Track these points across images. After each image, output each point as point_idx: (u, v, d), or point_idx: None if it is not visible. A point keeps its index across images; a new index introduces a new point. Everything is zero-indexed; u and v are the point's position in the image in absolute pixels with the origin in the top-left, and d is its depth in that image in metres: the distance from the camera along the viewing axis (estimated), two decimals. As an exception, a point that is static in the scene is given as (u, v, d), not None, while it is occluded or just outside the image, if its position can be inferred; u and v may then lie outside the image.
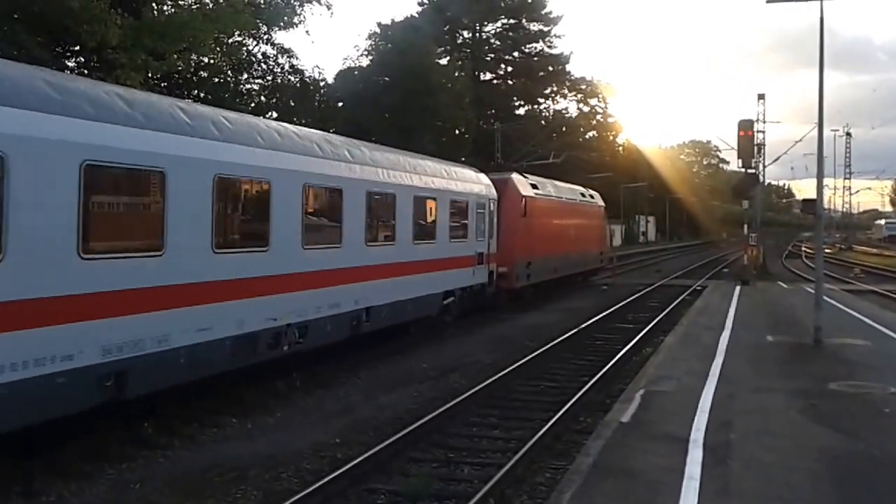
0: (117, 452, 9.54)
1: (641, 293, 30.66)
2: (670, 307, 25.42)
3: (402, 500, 8.37)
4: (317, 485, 8.26)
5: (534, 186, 26.78)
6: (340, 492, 8.43)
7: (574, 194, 33.65)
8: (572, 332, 19.29)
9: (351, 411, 12.01)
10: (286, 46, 31.62)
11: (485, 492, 8.18)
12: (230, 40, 24.84)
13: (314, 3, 28.84)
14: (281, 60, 31.40)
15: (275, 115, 31.37)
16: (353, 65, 41.00)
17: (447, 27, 59.13)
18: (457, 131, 44.69)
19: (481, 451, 10.24)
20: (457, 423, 11.29)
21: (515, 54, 64.85)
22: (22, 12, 17.00)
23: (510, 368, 14.52)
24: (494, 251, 22.30)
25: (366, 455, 9.23)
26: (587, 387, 13.03)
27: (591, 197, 36.62)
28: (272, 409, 11.91)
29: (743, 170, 33.88)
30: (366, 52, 42.31)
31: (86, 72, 19.44)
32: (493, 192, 22.70)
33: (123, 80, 17.25)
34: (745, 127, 31.82)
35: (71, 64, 20.39)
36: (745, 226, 38.37)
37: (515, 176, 25.65)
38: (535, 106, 66.43)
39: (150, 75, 19.54)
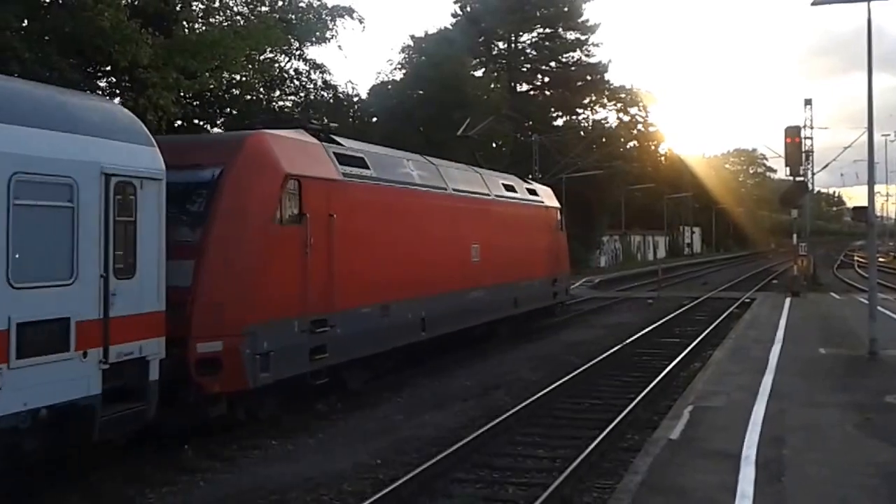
0: (158, 477, 9.46)
1: (688, 307, 30.09)
2: (718, 320, 24.88)
3: (445, 523, 8.16)
4: (358, 508, 8.09)
5: (343, 160, 13.59)
6: (383, 515, 8.24)
7: (481, 184, 19.49)
8: (617, 347, 18.93)
9: (393, 431, 11.82)
10: (319, 62, 31.71)
11: (530, 514, 7.92)
12: (262, 57, 24.92)
13: (346, 17, 28.91)
14: (314, 76, 31.47)
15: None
16: (386, 79, 41.12)
17: (482, 38, 59.02)
18: (493, 144, 44.48)
19: (526, 470, 9.99)
20: (501, 442, 11.06)
21: (552, 64, 64.49)
22: (53, 34, 17.23)
23: (554, 386, 14.24)
24: (154, 306, 9.45)
25: (409, 476, 9.03)
26: (633, 403, 12.70)
27: (533, 193, 22.99)
28: (313, 431, 11.77)
29: (791, 178, 33.21)
30: (399, 66, 42.45)
31: (118, 92, 19.65)
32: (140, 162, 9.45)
33: (156, 100, 17.39)
34: (792, 133, 31.22)
35: (102, 84, 20.63)
36: (794, 235, 37.54)
37: (272, 134, 12.40)
38: (574, 116, 65.91)
39: (181, 94, 19.65)
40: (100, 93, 18.11)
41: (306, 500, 8.86)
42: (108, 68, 19.16)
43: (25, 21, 16.30)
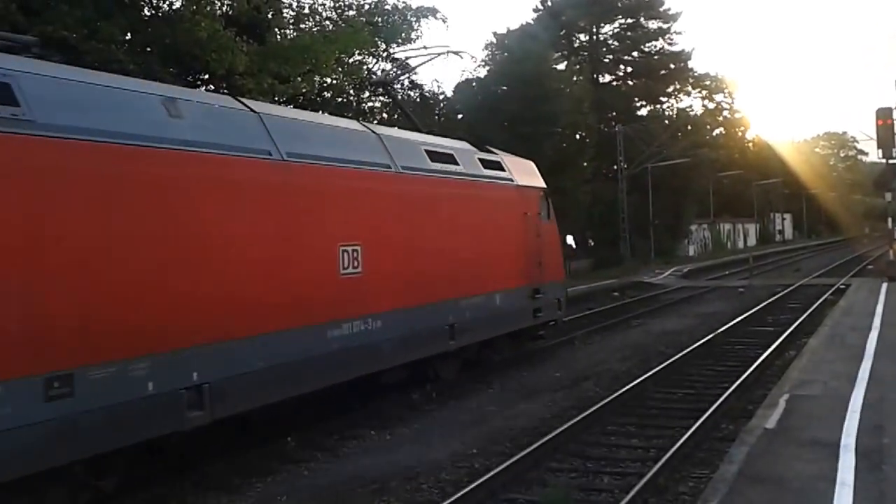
0: (264, 467, 9.88)
1: (780, 294, 29.37)
2: (812, 308, 24.25)
3: (542, 510, 8.31)
4: (457, 495, 8.29)
5: None
6: (480, 503, 8.45)
7: (369, 150, 12.12)
8: (709, 337, 18.71)
9: (486, 421, 12.05)
10: (405, 63, 32.17)
11: (627, 501, 8.03)
12: (351, 60, 25.50)
13: (430, 17, 29.26)
14: (400, 77, 31.95)
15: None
16: (470, 76, 41.32)
17: (563, 31, 58.65)
18: (577, 136, 44.24)
19: (620, 460, 10.06)
20: (593, 433, 11.15)
21: (635, 54, 63.65)
22: (155, 45, 18.03)
23: (645, 376, 14.22)
24: None
25: (504, 465, 9.22)
26: (728, 393, 12.60)
27: (494, 166, 15.57)
28: (409, 422, 12.09)
29: (883, 161, 32.05)
30: (483, 63, 42.59)
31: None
32: None
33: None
34: (884, 115, 30.08)
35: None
36: (889, 220, 36.23)
37: None
38: (658, 105, 64.92)
39: (276, 99, 20.30)
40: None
41: (406, 488, 9.11)
42: (206, 76, 19.96)
43: (129, 34, 17.15)
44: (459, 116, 37.54)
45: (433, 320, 12.78)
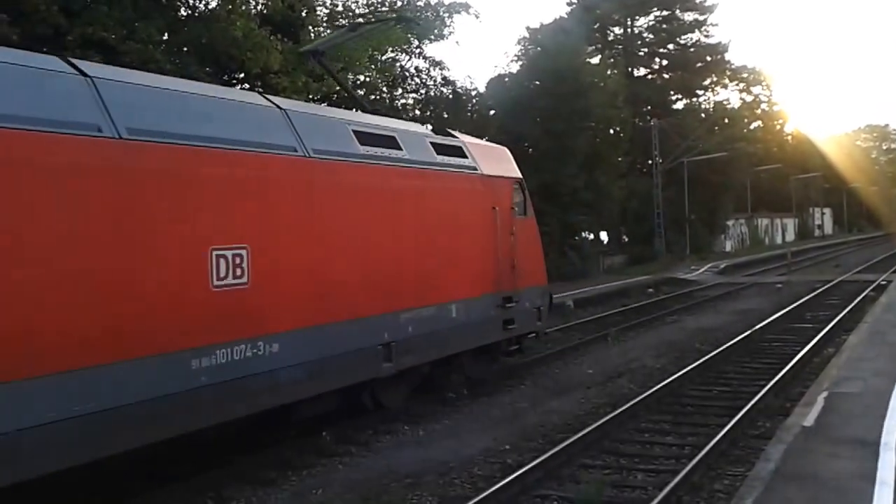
0: (299, 461, 9.98)
1: (819, 290, 28.93)
2: (852, 304, 23.88)
3: (575, 506, 8.31)
4: (490, 490, 8.31)
5: None
6: (513, 498, 8.46)
7: (272, 131, 9.68)
8: (745, 333, 18.51)
9: (518, 418, 12.06)
10: (437, 59, 32.29)
11: (661, 498, 8.00)
12: (383, 57, 25.58)
13: (462, 13, 29.28)
14: (433, 73, 32.06)
15: (429, 127, 31.98)
16: (503, 72, 41.25)
17: (597, 25, 58.32)
18: (612, 131, 43.96)
19: (654, 457, 10.02)
20: (627, 429, 11.11)
21: (670, 47, 63.06)
22: (191, 45, 18.28)
23: (680, 373, 14.13)
24: None
25: (537, 461, 9.22)
26: (764, 390, 12.48)
27: (452, 152, 13.11)
28: (441, 417, 12.14)
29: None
30: (515, 58, 42.49)
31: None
32: None
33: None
34: (928, 107, 29.51)
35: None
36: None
37: None
38: (694, 99, 64.29)
39: (310, 97, 20.44)
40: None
41: (439, 483, 9.17)
42: (242, 75, 20.18)
43: (166, 35, 17.38)
44: (492, 113, 37.46)
45: (358, 340, 10.30)
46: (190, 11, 19.55)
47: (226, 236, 8.52)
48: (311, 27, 21.76)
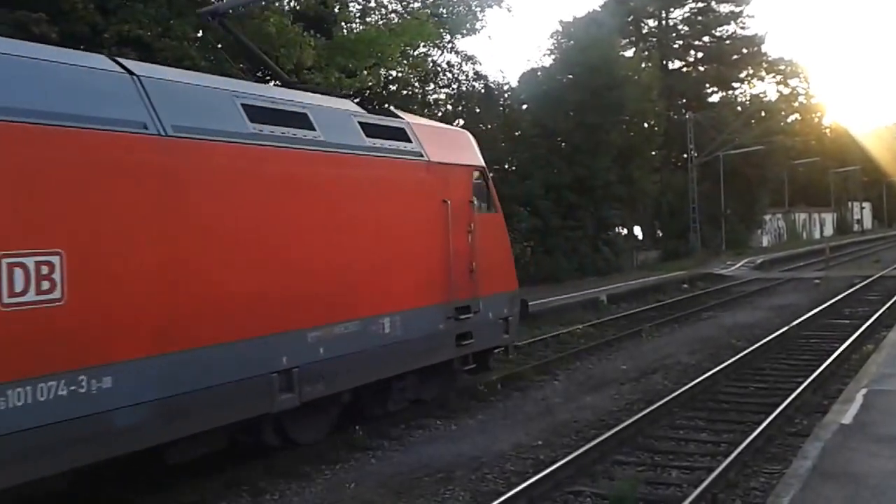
0: (332, 455, 10.03)
1: (858, 286, 28.46)
2: (892, 300, 23.45)
3: (608, 503, 8.25)
4: (522, 486, 8.29)
5: None
6: (545, 494, 8.43)
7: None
8: (782, 330, 18.27)
9: (551, 413, 12.01)
10: (469, 53, 32.28)
11: (696, 496, 7.92)
12: (416, 52, 25.62)
13: (495, 6, 29.21)
14: (465, 68, 32.03)
15: (461, 122, 32.00)
16: (535, 66, 41.09)
17: (631, 18, 57.78)
18: (646, 124, 43.62)
19: (689, 454, 9.92)
20: (661, 426, 11.01)
21: (705, 39, 62.34)
22: (225, 41, 18.40)
23: (716, 369, 13.98)
24: None
25: (569, 457, 9.18)
26: (802, 387, 12.32)
27: (398, 136, 11.12)
28: (474, 412, 12.13)
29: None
30: (548, 52, 42.31)
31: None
32: None
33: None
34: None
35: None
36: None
37: None
38: (730, 92, 63.52)
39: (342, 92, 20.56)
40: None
41: (471, 478, 9.15)
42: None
43: (200, 31, 17.52)
44: (524, 107, 37.35)
45: (240, 367, 8.27)
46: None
47: (26, 238, 6.63)
48: (343, 23, 21.84)
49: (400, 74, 25.13)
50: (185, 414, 7.76)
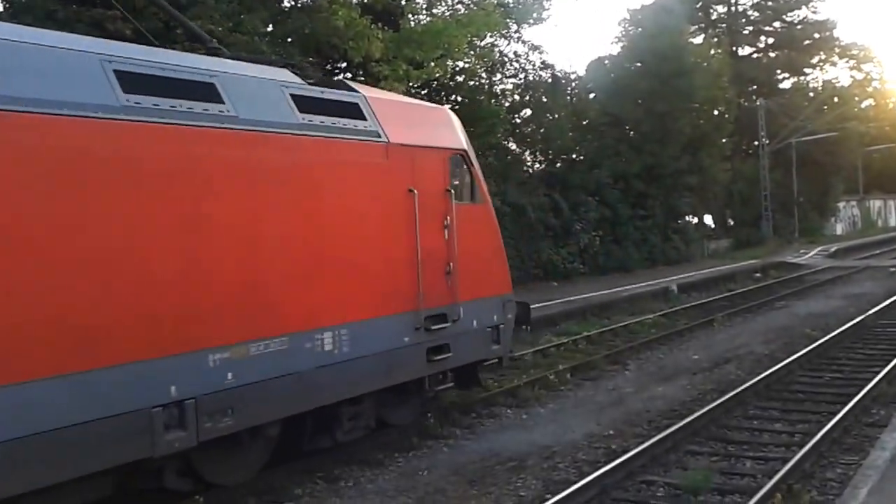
0: (405, 443, 10.16)
1: (939, 274, 27.68)
2: (973, 289, 22.78)
3: (682, 493, 8.21)
4: (594, 475, 8.29)
5: None
6: (618, 483, 8.43)
7: None
8: (858, 319, 17.86)
9: (622, 403, 11.98)
10: (536, 43, 32.19)
11: (771, 486, 7.84)
12: (482, 43, 25.69)
13: (561, -6, 29.12)
14: (532, 57, 31.96)
15: (528, 112, 31.94)
16: (603, 54, 40.79)
17: (699, 4, 56.74)
18: (716, 112, 42.89)
19: (763, 444, 9.81)
20: (735, 416, 10.89)
21: (776, 24, 60.86)
22: (294, 35, 18.77)
23: (790, 359, 13.75)
24: None
25: (642, 447, 9.15)
26: (878, 377, 12.06)
27: (347, 112, 9.12)
28: (544, 401, 12.16)
29: None
30: (616, 40, 41.92)
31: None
32: None
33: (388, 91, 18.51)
34: None
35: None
36: None
37: None
38: (802, 77, 61.90)
39: (410, 84, 20.72)
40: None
41: (543, 466, 9.19)
42: (344, 64, 20.61)
43: (270, 26, 17.90)
44: (592, 95, 37.08)
45: (94, 404, 6.41)
46: (293, 2, 20.10)
47: None
48: (410, 15, 22.04)
49: (467, 65, 25.23)
50: (21, 464, 6.01)
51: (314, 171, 8.54)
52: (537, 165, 33.17)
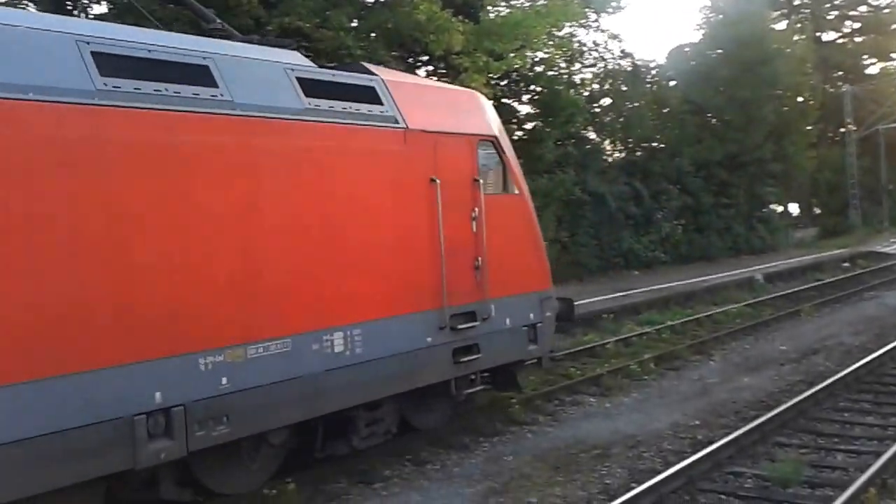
0: (490, 428, 10.30)
1: None
2: None
3: (770, 485, 8.14)
4: (680, 465, 8.27)
5: None
6: (704, 474, 8.38)
7: None
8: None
9: (707, 393, 11.89)
10: (615, 32, 31.91)
11: (864, 480, 7.72)
12: (561, 32, 25.64)
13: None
14: (611, 46, 31.74)
15: (608, 101, 31.69)
16: (684, 42, 40.15)
17: (782, -10, 55.42)
18: (800, 98, 41.81)
19: (854, 437, 9.62)
20: (824, 408, 10.71)
21: (862, 8, 58.79)
22: (378, 30, 19.09)
23: (882, 350, 13.41)
24: None
25: (729, 437, 9.09)
26: (978, 370, 11.71)
27: (360, 96, 8.49)
28: (628, 390, 12.16)
29: None
30: (697, 27, 41.29)
31: (435, 79, 21.23)
32: None
33: (468, 83, 18.64)
34: None
35: (421, 73, 22.35)
36: None
37: None
38: (889, 63, 59.82)
39: (490, 76, 20.83)
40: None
41: (627, 455, 9.20)
42: (426, 58, 20.83)
43: (355, 21, 18.25)
44: (672, 83, 36.56)
45: (65, 411, 5.91)
46: (377, -2, 20.42)
47: None
48: (490, 7, 22.14)
49: (546, 55, 25.20)
50: None
51: (322, 158, 7.94)
52: (617, 154, 32.91)
